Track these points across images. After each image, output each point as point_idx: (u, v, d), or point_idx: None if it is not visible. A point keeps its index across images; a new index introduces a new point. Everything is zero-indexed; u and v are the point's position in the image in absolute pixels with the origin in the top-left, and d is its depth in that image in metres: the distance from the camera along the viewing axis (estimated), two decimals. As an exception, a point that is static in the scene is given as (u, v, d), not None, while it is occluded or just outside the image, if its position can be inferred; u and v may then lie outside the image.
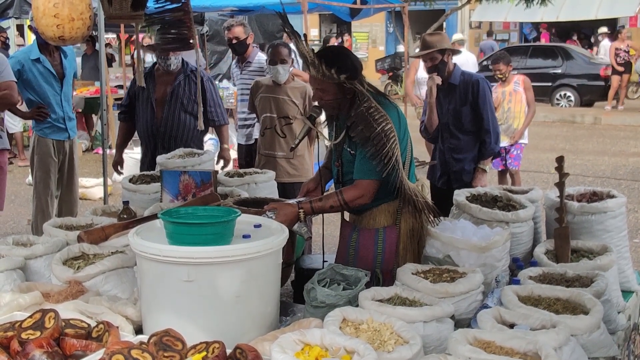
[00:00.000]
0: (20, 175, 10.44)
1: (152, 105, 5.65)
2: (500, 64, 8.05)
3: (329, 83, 3.33)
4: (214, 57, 16.99)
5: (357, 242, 3.57)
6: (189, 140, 5.66)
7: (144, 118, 5.68)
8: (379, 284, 3.41)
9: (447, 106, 5.17)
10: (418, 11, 19.99)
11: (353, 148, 3.48)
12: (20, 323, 2.43)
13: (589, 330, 2.57)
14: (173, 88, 5.62)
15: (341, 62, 3.33)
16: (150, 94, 5.64)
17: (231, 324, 2.63)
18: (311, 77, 3.45)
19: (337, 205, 3.41)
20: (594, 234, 3.56)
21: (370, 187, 3.41)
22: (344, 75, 3.27)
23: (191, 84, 5.64)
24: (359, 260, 3.53)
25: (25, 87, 6.15)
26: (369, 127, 3.27)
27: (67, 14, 3.61)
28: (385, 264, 3.50)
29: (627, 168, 11.09)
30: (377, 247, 3.51)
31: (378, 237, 3.51)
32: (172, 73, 5.65)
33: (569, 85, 18.72)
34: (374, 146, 3.28)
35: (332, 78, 3.27)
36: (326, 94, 3.40)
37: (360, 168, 3.43)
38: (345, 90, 3.36)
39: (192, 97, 5.62)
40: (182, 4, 4.37)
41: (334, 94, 3.38)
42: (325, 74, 3.27)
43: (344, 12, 12.41)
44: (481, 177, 5.20)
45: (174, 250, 2.61)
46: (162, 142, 5.64)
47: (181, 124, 5.64)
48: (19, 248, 3.39)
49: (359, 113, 3.30)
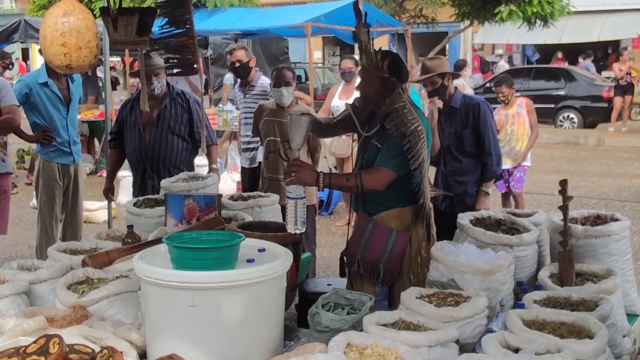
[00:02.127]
0: (24, 199, 10.46)
1: (140, 130, 5.63)
2: (503, 87, 8.07)
3: (375, 76, 3.58)
4: (218, 80, 17.07)
5: (370, 234, 3.72)
6: (178, 162, 5.63)
7: (132, 143, 5.68)
8: (378, 278, 3.67)
9: (448, 129, 5.18)
10: (421, 34, 20.09)
11: (381, 142, 3.65)
12: (24, 348, 2.43)
13: (594, 355, 2.56)
14: (159, 111, 5.61)
15: (393, 62, 3.59)
16: (137, 119, 5.65)
17: (235, 349, 2.63)
18: (362, 67, 3.71)
19: (353, 185, 3.57)
20: (598, 257, 3.55)
21: (387, 175, 3.57)
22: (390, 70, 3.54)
23: (177, 107, 5.64)
24: (368, 251, 3.71)
25: (31, 110, 6.18)
26: (403, 124, 3.46)
27: (75, 43, 3.66)
28: (389, 263, 3.66)
29: (631, 190, 11.06)
30: (387, 245, 3.67)
31: (390, 237, 3.67)
32: (157, 97, 5.63)
33: (572, 107, 18.75)
34: (408, 142, 3.46)
35: (380, 70, 3.53)
36: (370, 85, 3.64)
37: (383, 156, 3.60)
38: (387, 88, 3.57)
39: (179, 119, 5.62)
40: (186, 29, 4.40)
41: (376, 86, 3.61)
42: (376, 64, 3.54)
43: (347, 35, 12.51)
44: (484, 200, 5.19)
45: (178, 275, 2.62)
46: (150, 165, 5.62)
47: (169, 146, 5.61)
48: (24, 272, 3.39)
49: (396, 109, 3.50)
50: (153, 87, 5.59)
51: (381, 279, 3.68)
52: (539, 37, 20.69)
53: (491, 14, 14.93)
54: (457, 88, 5.24)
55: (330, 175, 3.56)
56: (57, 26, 3.75)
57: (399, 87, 3.57)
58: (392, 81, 3.55)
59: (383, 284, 3.71)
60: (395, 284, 3.70)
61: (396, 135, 3.49)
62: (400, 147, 3.49)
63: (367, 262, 3.72)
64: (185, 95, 5.74)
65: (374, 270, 3.70)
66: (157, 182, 5.44)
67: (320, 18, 11.01)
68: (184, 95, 5.71)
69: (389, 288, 3.73)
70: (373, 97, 3.65)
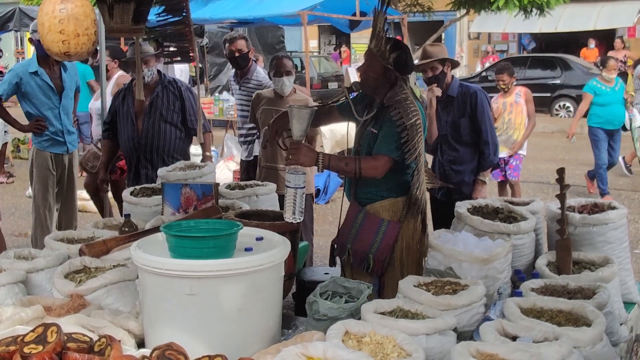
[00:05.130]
0: (20, 188, 10.44)
1: (132, 119, 5.59)
2: (504, 75, 8.08)
3: (378, 61, 3.57)
4: (214, 69, 17.05)
5: (361, 224, 3.73)
6: (172, 151, 5.59)
7: (125, 133, 5.63)
8: (368, 268, 3.69)
9: (445, 118, 5.17)
10: (417, 22, 20.06)
11: (377, 128, 3.65)
12: (22, 337, 2.42)
13: (591, 343, 2.57)
14: (151, 100, 5.55)
15: (400, 52, 3.59)
16: (130, 108, 5.60)
17: (233, 338, 2.63)
18: (368, 49, 3.65)
19: (352, 170, 3.58)
20: (595, 246, 3.56)
21: (386, 163, 3.58)
22: (395, 63, 3.54)
23: (169, 95, 5.59)
24: (358, 241, 3.73)
25: (24, 100, 6.18)
26: (406, 114, 3.49)
27: (73, 30, 3.64)
28: (379, 253, 3.68)
29: (626, 179, 11.08)
30: (377, 235, 3.68)
31: (381, 227, 3.68)
32: (149, 86, 5.57)
33: (568, 95, 18.76)
34: (407, 135, 3.49)
35: (385, 60, 3.53)
36: (371, 69, 3.63)
37: (382, 144, 3.60)
38: (388, 76, 3.59)
39: (171, 107, 5.58)
40: (183, 17, 4.39)
41: (377, 72, 3.61)
42: (382, 53, 3.53)
43: (344, 23, 12.49)
44: (481, 189, 5.19)
45: (176, 264, 2.61)
46: (144, 154, 5.58)
47: (162, 134, 5.57)
48: (21, 261, 3.38)
49: (398, 100, 3.52)
50: (143, 75, 5.52)
51: (371, 269, 3.69)
52: (535, 25, 20.66)
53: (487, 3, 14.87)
54: (454, 77, 5.24)
55: (329, 157, 3.58)
56: (54, 13, 3.72)
57: (400, 80, 3.57)
58: (394, 73, 3.56)
59: (373, 274, 3.71)
60: (386, 274, 3.71)
61: (394, 123, 3.50)
62: (398, 136, 3.51)
63: (356, 251, 3.74)
64: (177, 83, 5.70)
65: (363, 260, 3.71)
66: (151, 172, 5.43)
67: (316, 6, 10.97)
68: (175, 83, 5.68)
69: (379, 278, 3.73)
70: (371, 83, 3.66)
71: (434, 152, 5.35)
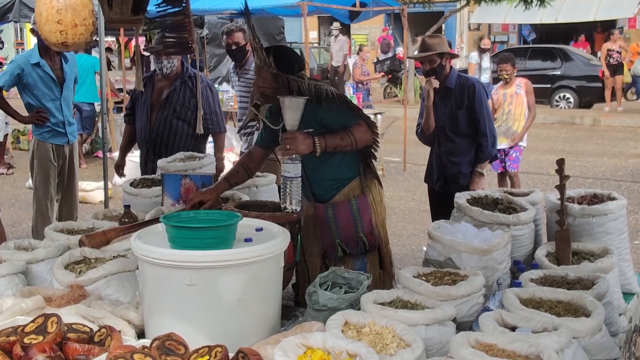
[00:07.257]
0: (20, 179, 10.44)
1: (148, 111, 5.55)
2: (507, 65, 8.07)
3: (267, 72, 3.60)
4: (214, 60, 16.99)
5: (334, 216, 3.76)
6: (182, 148, 5.43)
7: (140, 123, 5.61)
8: (365, 247, 3.74)
9: (443, 109, 5.16)
10: (417, 13, 20.04)
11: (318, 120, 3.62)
12: (22, 327, 2.43)
13: (590, 333, 2.58)
14: (168, 93, 5.50)
15: (279, 57, 3.64)
16: (148, 98, 5.55)
17: (233, 328, 2.64)
18: (256, 65, 3.70)
19: (348, 143, 3.60)
20: (594, 236, 3.56)
21: (364, 124, 3.66)
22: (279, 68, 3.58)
23: (186, 90, 5.51)
24: (342, 230, 3.76)
25: (25, 91, 6.16)
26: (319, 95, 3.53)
27: (70, 20, 3.63)
28: (365, 227, 3.75)
29: (626, 169, 11.09)
30: (354, 213, 3.75)
31: (352, 206, 3.75)
32: (169, 78, 5.52)
33: (568, 87, 18.74)
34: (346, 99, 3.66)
35: (270, 67, 3.58)
36: (264, 82, 3.65)
37: (346, 115, 3.65)
38: (279, 83, 3.61)
39: (186, 104, 5.49)
40: (182, 8, 4.38)
41: (269, 82, 3.63)
42: (264, 61, 3.58)
43: (343, 14, 12.45)
44: (478, 181, 5.19)
45: (176, 254, 2.62)
46: (153, 148, 5.55)
47: (172, 130, 5.52)
48: (21, 252, 3.39)
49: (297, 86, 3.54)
50: (162, 67, 5.48)
51: (368, 247, 3.74)
52: (535, 16, 20.62)
53: (487, -6, 14.88)
54: (452, 68, 5.23)
55: (325, 138, 3.54)
56: (52, 3, 3.72)
57: (291, 78, 3.57)
58: (283, 76, 3.57)
59: (372, 249, 3.77)
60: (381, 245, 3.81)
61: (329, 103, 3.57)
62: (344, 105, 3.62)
63: (346, 240, 3.75)
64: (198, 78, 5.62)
65: (357, 243, 3.74)
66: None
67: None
68: (195, 78, 5.49)
69: (367, 262, 3.77)
70: (270, 94, 3.64)
71: (432, 143, 5.35)
